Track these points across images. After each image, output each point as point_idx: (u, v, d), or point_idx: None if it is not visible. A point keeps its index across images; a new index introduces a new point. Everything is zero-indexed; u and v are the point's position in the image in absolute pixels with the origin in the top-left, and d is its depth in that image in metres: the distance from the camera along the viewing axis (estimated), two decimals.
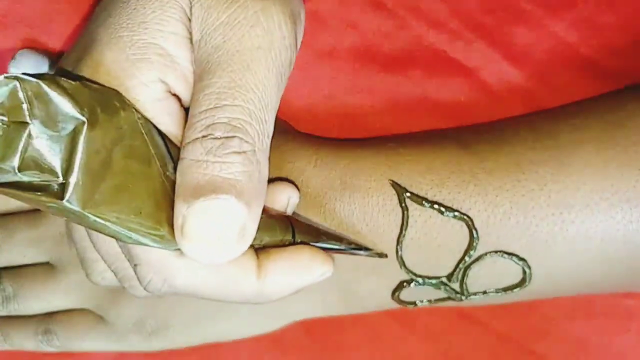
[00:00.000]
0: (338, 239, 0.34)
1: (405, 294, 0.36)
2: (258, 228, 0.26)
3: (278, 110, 0.39)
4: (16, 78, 0.22)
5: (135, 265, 0.27)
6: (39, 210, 0.39)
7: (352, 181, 0.35)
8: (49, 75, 0.24)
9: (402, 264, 0.35)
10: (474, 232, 0.33)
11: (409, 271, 0.35)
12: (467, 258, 0.34)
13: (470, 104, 0.39)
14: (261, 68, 0.26)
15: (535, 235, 0.33)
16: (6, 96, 0.22)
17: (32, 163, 0.23)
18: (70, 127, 0.23)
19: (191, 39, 0.27)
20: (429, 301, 0.36)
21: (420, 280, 0.35)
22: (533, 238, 0.33)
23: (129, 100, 0.26)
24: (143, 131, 0.26)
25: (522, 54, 0.39)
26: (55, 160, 0.23)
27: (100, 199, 0.24)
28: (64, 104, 0.23)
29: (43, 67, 0.37)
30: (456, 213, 0.33)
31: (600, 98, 0.37)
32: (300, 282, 0.30)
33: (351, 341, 0.39)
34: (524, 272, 0.34)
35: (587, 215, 0.33)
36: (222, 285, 0.27)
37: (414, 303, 0.36)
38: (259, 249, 0.29)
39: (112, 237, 0.25)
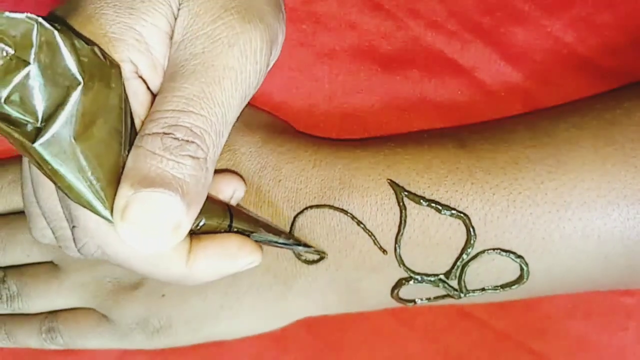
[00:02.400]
0: (276, 232, 0.34)
1: (404, 292, 0.36)
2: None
3: (278, 110, 0.40)
4: (37, 21, 0.24)
5: (73, 226, 0.28)
6: None
7: (350, 181, 0.35)
8: (67, 30, 0.25)
9: (401, 262, 0.35)
10: (471, 229, 0.34)
11: (407, 269, 0.35)
12: (464, 256, 0.34)
13: (468, 103, 0.39)
14: (229, 87, 0.28)
15: (533, 232, 0.33)
16: (21, 33, 0.24)
17: (19, 100, 0.24)
18: (66, 82, 0.25)
19: (171, 37, 0.29)
20: (428, 299, 0.36)
21: (418, 277, 0.35)
22: (530, 235, 0.33)
23: (123, 78, 0.27)
24: (123, 109, 0.27)
25: (520, 54, 0.39)
26: (40, 105, 0.24)
27: (70, 154, 0.25)
28: (69, 61, 0.25)
29: None
30: (453, 211, 0.34)
31: (598, 96, 0.38)
32: (226, 269, 0.31)
33: (352, 339, 0.39)
34: (522, 269, 0.34)
35: (584, 212, 0.33)
36: (151, 263, 0.28)
37: (414, 301, 0.36)
38: (193, 234, 0.30)
39: (65, 190, 0.26)
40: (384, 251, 0.35)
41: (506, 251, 0.34)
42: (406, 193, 0.34)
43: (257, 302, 0.37)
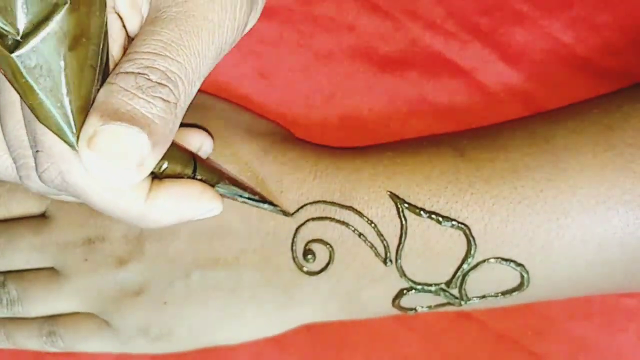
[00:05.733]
0: (242, 186, 0.34)
1: (405, 301, 0.36)
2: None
3: (277, 112, 0.40)
4: None
5: (37, 151, 0.28)
6: (43, 216, 0.39)
7: (351, 193, 0.35)
8: None
9: (402, 273, 0.35)
10: (472, 240, 0.34)
11: (408, 280, 0.35)
12: (465, 265, 0.34)
13: (467, 104, 0.39)
14: (207, 38, 0.28)
15: (533, 241, 0.33)
16: None
17: (3, 8, 0.24)
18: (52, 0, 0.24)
19: None
20: (429, 307, 0.36)
21: (419, 287, 0.35)
22: (530, 244, 0.34)
23: (107, 10, 0.27)
24: (103, 40, 0.27)
25: (519, 55, 0.39)
26: (22, 18, 0.24)
27: (46, 71, 0.25)
28: None
29: None
30: (453, 222, 0.34)
31: (596, 100, 0.37)
32: (185, 212, 0.30)
33: (351, 340, 0.39)
34: (522, 277, 0.34)
35: (583, 219, 0.33)
36: (110, 197, 0.28)
37: (415, 309, 0.36)
38: (155, 177, 0.30)
39: (33, 109, 0.26)
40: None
41: (506, 260, 0.34)
42: (406, 205, 0.34)
43: (258, 311, 0.37)
